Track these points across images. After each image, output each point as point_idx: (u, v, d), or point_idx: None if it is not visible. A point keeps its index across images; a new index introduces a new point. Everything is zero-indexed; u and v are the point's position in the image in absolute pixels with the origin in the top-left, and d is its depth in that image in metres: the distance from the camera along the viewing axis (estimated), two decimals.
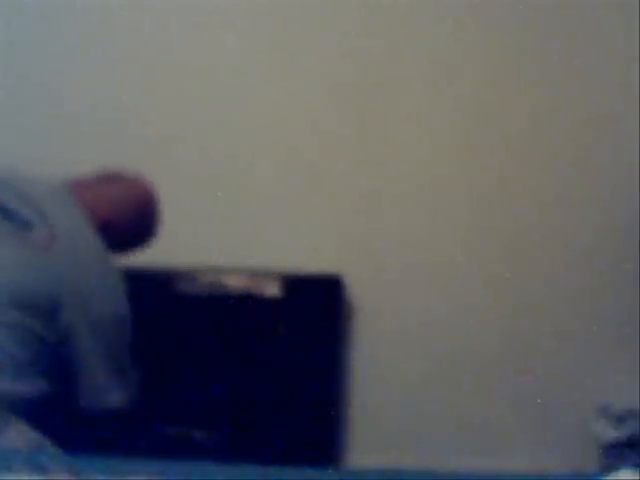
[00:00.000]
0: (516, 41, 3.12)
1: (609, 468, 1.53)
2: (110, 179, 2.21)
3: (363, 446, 3.11)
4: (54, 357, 1.87)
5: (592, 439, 3.03)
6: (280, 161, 3.13)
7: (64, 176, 2.16)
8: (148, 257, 2.35)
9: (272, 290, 2.99)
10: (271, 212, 3.13)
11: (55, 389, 1.85)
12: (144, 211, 2.21)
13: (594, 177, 3.13)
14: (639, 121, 3.05)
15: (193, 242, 3.02)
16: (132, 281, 2.12)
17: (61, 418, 1.85)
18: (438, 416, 3.12)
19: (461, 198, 3.14)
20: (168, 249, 2.55)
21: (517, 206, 3.14)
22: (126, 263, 2.19)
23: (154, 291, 2.92)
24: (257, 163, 3.13)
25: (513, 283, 3.13)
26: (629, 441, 2.94)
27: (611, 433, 2.99)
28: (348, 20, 3.10)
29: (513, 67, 3.13)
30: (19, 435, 1.70)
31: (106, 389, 1.94)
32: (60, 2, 3.10)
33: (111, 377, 1.95)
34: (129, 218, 2.17)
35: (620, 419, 2.99)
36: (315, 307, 3.03)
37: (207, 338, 2.95)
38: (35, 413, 1.76)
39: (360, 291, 3.11)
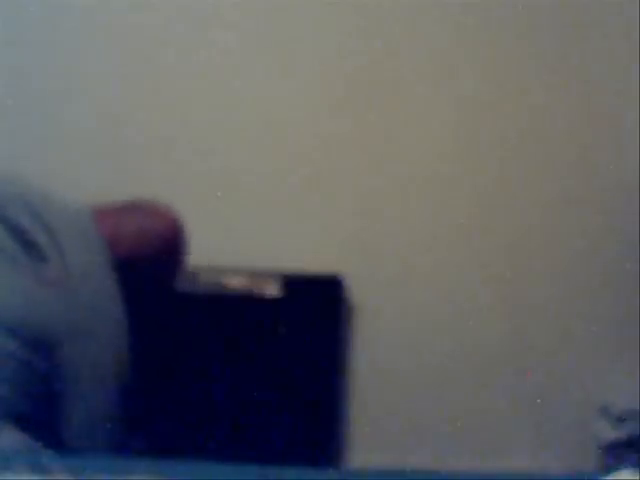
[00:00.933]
0: (516, 41, 3.12)
1: (609, 468, 1.53)
2: (136, 209, 2.15)
3: (363, 446, 3.11)
4: (45, 391, 1.81)
5: (592, 439, 3.03)
6: (280, 161, 3.13)
7: (88, 201, 2.09)
8: None
9: (272, 290, 2.99)
10: (271, 212, 3.13)
11: (39, 423, 1.79)
12: (169, 246, 2.14)
13: (594, 177, 3.13)
14: (639, 121, 3.05)
15: (193, 242, 3.01)
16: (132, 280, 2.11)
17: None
18: (438, 416, 3.12)
19: (461, 198, 3.14)
20: None
21: (517, 206, 3.14)
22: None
23: (154, 291, 2.92)
24: (257, 163, 3.13)
25: (513, 283, 3.13)
26: (629, 441, 2.94)
27: (611, 433, 2.99)
28: (348, 20, 3.10)
29: (513, 67, 3.13)
30: (11, 438, 1.69)
31: (91, 435, 1.88)
32: (60, 2, 3.10)
33: (98, 423, 1.89)
34: (153, 252, 2.10)
35: (620, 419, 2.98)
36: (315, 307, 3.03)
37: (207, 338, 2.95)
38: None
39: (360, 291, 3.11)
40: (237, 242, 3.10)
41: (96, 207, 2.09)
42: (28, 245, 1.87)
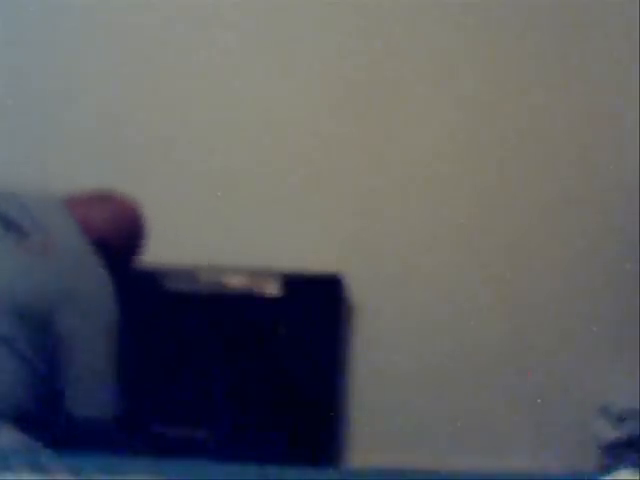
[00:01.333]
0: (516, 41, 3.12)
1: (609, 468, 1.54)
2: (102, 199, 2.29)
3: (363, 446, 3.11)
4: (47, 366, 1.88)
5: (592, 439, 3.03)
6: (280, 161, 3.13)
7: (61, 190, 2.19)
8: (148, 256, 2.35)
9: (272, 289, 2.99)
10: (271, 212, 3.13)
11: (47, 398, 1.85)
12: (131, 231, 2.28)
13: (594, 177, 3.13)
14: (639, 121, 3.06)
15: (193, 242, 3.02)
16: (132, 280, 2.12)
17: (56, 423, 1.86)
18: (438, 416, 3.12)
19: (461, 198, 3.14)
20: (168, 248, 2.55)
21: (517, 206, 3.14)
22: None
23: (154, 290, 2.92)
24: (257, 163, 3.13)
25: (513, 283, 3.13)
26: (629, 441, 2.94)
27: (611, 433, 2.98)
28: (348, 20, 3.10)
29: (513, 67, 3.13)
30: (10, 437, 1.70)
31: (98, 398, 1.95)
32: (60, 2, 3.10)
33: (102, 385, 1.96)
34: (117, 237, 2.23)
35: (620, 419, 2.99)
36: (315, 307, 3.03)
37: (207, 337, 2.95)
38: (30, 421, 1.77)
39: (360, 291, 3.11)
40: (237, 242, 3.10)
41: (67, 196, 2.23)
42: (10, 225, 2.01)
